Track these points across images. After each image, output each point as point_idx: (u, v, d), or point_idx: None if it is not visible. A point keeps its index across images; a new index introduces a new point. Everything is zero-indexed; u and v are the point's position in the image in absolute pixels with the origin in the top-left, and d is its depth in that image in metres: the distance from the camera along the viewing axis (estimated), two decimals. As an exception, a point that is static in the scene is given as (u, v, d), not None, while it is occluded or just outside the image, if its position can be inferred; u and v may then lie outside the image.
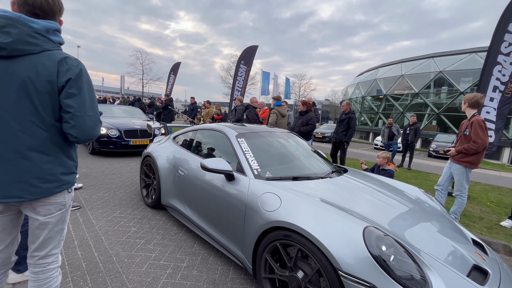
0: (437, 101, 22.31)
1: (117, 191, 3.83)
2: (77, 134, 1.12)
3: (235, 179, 2.09)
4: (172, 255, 2.29)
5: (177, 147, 3.12)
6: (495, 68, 4.62)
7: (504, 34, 4.56)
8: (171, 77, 14.80)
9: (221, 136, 2.64)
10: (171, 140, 3.36)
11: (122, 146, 6.06)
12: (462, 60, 20.69)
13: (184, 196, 2.69)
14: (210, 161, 2.09)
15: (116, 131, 6.02)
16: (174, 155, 2.99)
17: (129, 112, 8.08)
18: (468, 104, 3.27)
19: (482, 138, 3.07)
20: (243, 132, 2.61)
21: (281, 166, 2.48)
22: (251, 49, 9.90)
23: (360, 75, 33.33)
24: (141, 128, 6.38)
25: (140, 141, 6.30)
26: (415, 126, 7.92)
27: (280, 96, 5.80)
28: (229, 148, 2.44)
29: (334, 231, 1.43)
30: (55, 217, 1.16)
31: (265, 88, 16.93)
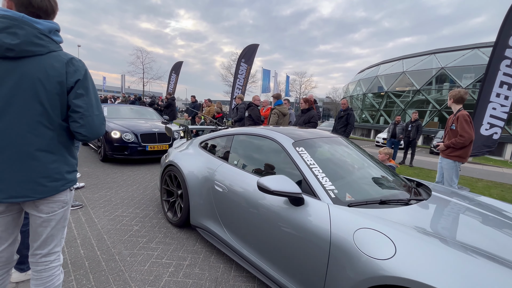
0: (439, 98, 22.18)
1: (119, 189, 3.84)
2: (86, 133, 1.16)
3: (305, 204, 1.59)
4: (174, 253, 2.30)
5: (208, 156, 2.63)
6: (502, 63, 4.51)
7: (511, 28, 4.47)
8: (173, 76, 14.78)
9: (271, 143, 2.16)
10: (198, 146, 2.89)
11: (138, 152, 5.31)
12: (464, 56, 20.54)
13: (223, 218, 2.19)
14: (272, 180, 1.57)
15: (132, 135, 5.26)
16: (207, 166, 2.48)
17: (141, 113, 7.27)
18: (453, 100, 3.46)
19: (468, 131, 3.23)
20: (300, 139, 2.10)
21: (356, 185, 1.95)
22: (252, 48, 9.87)
23: (361, 72, 33.18)
24: (159, 131, 5.62)
25: (158, 146, 5.55)
26: (417, 123, 7.88)
27: (280, 94, 5.77)
28: (283, 160, 1.97)
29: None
30: (57, 214, 1.17)
31: (266, 86, 16.89)
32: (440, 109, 21.57)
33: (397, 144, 8.35)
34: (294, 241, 1.57)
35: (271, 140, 2.16)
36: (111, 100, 14.03)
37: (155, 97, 14.85)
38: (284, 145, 2.01)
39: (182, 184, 2.61)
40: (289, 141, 2.03)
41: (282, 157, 1.99)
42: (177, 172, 2.70)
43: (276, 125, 5.30)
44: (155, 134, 5.58)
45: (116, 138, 5.12)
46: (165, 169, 2.96)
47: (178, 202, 2.78)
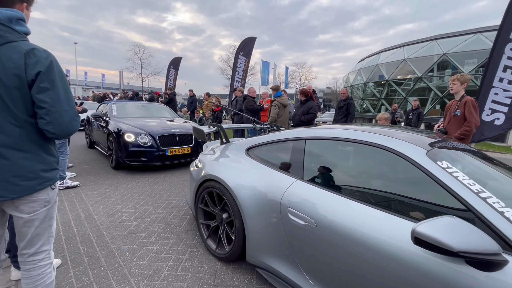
0: (440, 85, 21.88)
1: (118, 186, 3.84)
2: (54, 130, 1.07)
3: (503, 270, 0.90)
4: (174, 247, 2.30)
5: (267, 168, 1.90)
6: (507, 46, 4.38)
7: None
8: (171, 71, 14.64)
9: (378, 153, 1.45)
10: (244, 153, 2.17)
11: (157, 158, 4.52)
12: (466, 41, 20.14)
13: (303, 261, 1.54)
14: (451, 232, 0.91)
15: (149, 138, 4.49)
16: (269, 183, 1.79)
17: (154, 110, 6.35)
18: (467, 84, 3.28)
19: (476, 118, 3.16)
20: (433, 145, 1.43)
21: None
22: (250, 41, 9.72)
23: (361, 61, 32.72)
24: (180, 132, 4.84)
25: (180, 150, 4.75)
26: (418, 111, 7.79)
27: (279, 86, 5.69)
28: (409, 180, 1.35)
29: None
30: (40, 214, 1.14)
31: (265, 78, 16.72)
32: (442, 96, 21.30)
33: None
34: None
35: (381, 148, 1.42)
36: (110, 97, 13.96)
37: (153, 93, 14.73)
38: (412, 157, 1.29)
39: (232, 208, 1.92)
40: (420, 151, 1.31)
41: (408, 175, 1.33)
42: (223, 190, 1.99)
43: (277, 118, 5.25)
44: (175, 136, 4.77)
45: (130, 142, 4.36)
46: (202, 185, 2.26)
47: (224, 229, 2.13)
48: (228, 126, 3.23)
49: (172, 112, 6.66)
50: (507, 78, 4.44)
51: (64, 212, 2.89)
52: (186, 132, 4.96)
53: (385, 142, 1.44)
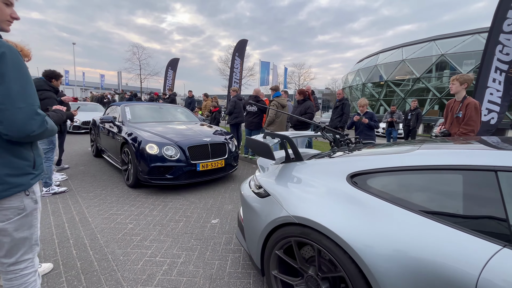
0: (439, 85, 21.94)
1: (115, 188, 3.79)
2: (6, 131, 0.95)
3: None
4: (169, 251, 2.26)
5: (422, 220, 1.06)
6: (496, 48, 4.49)
7: (507, 11, 4.40)
8: (169, 72, 14.60)
9: None
10: (348, 183, 1.36)
11: (186, 175, 3.66)
12: (464, 42, 20.20)
13: None
14: None
15: (176, 149, 3.63)
16: (441, 250, 0.97)
17: (175, 114, 5.43)
18: (467, 85, 3.14)
19: (476, 121, 3.01)
20: None
21: None
22: (242, 43, 9.84)
23: (360, 62, 32.78)
24: (212, 142, 3.98)
25: (213, 164, 3.89)
26: (417, 111, 7.78)
27: (278, 86, 5.67)
28: None
29: None
30: (13, 222, 1.06)
31: (264, 78, 16.72)
32: (440, 97, 21.34)
33: (395, 132, 8.29)
34: None
35: None
36: (108, 98, 13.91)
37: (153, 93, 14.67)
38: None
39: (353, 281, 1.15)
40: None
41: None
42: (332, 250, 1.22)
43: (275, 118, 5.22)
44: (207, 146, 3.90)
45: (153, 155, 3.50)
46: (279, 229, 1.50)
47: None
48: (291, 134, 2.21)
49: (192, 115, 5.77)
50: (498, 79, 4.55)
51: (58, 215, 2.84)
52: (219, 141, 4.11)
53: None
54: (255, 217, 1.69)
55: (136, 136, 3.75)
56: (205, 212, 3.09)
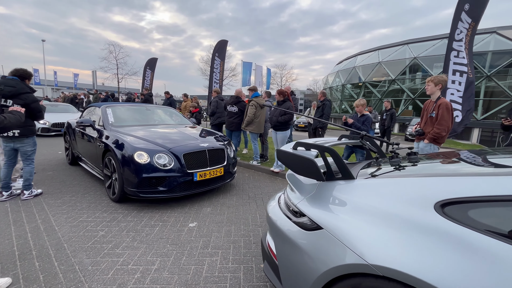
0: (412, 87, 23.11)
1: (86, 193, 3.59)
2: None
3: None
4: (142, 257, 2.16)
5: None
6: (451, 53, 5.02)
7: (458, 22, 4.91)
8: (148, 71, 14.14)
9: None
10: (438, 213, 0.93)
11: (182, 186, 3.23)
12: (434, 46, 21.45)
13: None
14: None
15: (169, 157, 3.18)
16: None
17: (163, 116, 4.99)
18: (441, 86, 3.29)
19: (447, 121, 3.16)
20: None
21: None
22: (222, 43, 9.77)
23: (339, 64, 33.76)
24: (210, 147, 3.57)
25: (211, 172, 3.49)
26: (391, 112, 8.12)
27: (256, 87, 5.68)
28: None
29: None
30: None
31: (246, 79, 16.70)
32: (413, 97, 22.50)
33: (372, 132, 8.62)
34: None
35: None
36: (82, 98, 13.19)
37: (131, 94, 14.15)
38: None
39: None
40: None
41: None
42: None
43: (254, 118, 5.21)
44: (205, 153, 3.50)
45: (142, 164, 3.02)
46: (346, 280, 1.07)
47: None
48: (325, 142, 1.76)
49: (183, 117, 5.27)
50: (457, 80, 5.01)
51: (20, 224, 2.63)
52: (217, 146, 3.69)
53: None
54: (300, 257, 1.24)
55: (121, 142, 3.25)
56: (183, 215, 3.01)
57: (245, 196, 3.78)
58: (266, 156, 5.97)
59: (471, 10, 4.85)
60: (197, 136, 3.88)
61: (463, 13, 4.87)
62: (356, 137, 1.95)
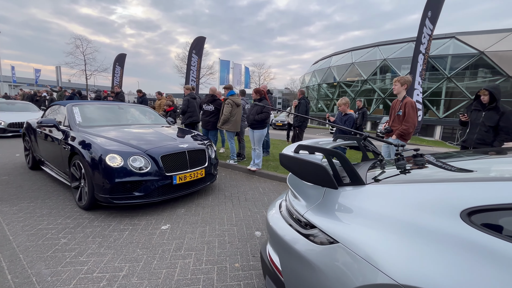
0: (382, 87, 24.41)
1: (47, 199, 3.31)
2: None
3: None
4: (109, 264, 2.05)
5: None
6: (419, 56, 5.36)
7: (423, 27, 5.29)
8: (117, 68, 13.43)
9: None
10: (464, 221, 0.84)
11: (160, 191, 3.05)
12: (402, 49, 22.83)
13: None
14: None
15: (146, 160, 2.98)
16: None
17: (138, 116, 4.64)
18: (407, 86, 3.53)
19: (413, 118, 3.41)
20: None
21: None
22: (200, 40, 9.53)
23: (315, 64, 34.67)
24: (190, 148, 3.39)
25: (192, 175, 3.31)
26: (363, 110, 8.49)
27: (231, 85, 5.63)
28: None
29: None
30: None
31: (224, 77, 16.54)
32: (384, 97, 23.79)
33: None
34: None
35: None
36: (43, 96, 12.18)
37: (100, 92, 13.36)
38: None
39: None
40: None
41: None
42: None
43: (230, 116, 5.17)
44: (184, 154, 3.31)
45: (115, 168, 2.79)
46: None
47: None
48: (327, 143, 1.73)
49: (159, 116, 4.96)
50: (421, 82, 5.56)
51: (-33, 236, 2.36)
52: (197, 147, 3.52)
53: None
54: (312, 274, 1.09)
55: (90, 144, 2.99)
56: (155, 218, 2.90)
57: (221, 196, 3.73)
58: (243, 155, 5.95)
59: (432, 17, 5.25)
60: (175, 136, 3.70)
61: (427, 19, 5.24)
62: (352, 137, 1.88)
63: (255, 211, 3.23)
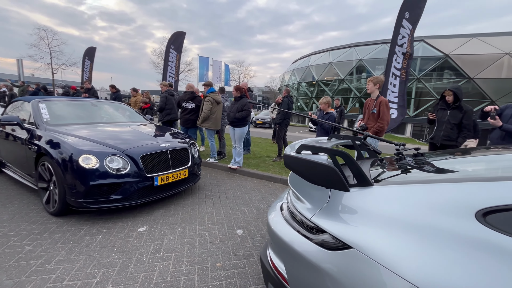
0: (358, 86, 25.37)
1: (8, 203, 3.04)
2: None
3: None
4: (81, 271, 1.92)
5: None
6: (393, 57, 5.55)
7: (400, 28, 5.46)
8: (87, 62, 12.63)
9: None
10: (479, 221, 0.83)
11: (141, 192, 2.87)
12: (376, 50, 23.85)
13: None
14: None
15: (125, 160, 2.79)
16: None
17: (112, 113, 4.36)
18: (380, 86, 3.74)
19: (388, 116, 3.61)
20: None
21: None
22: (179, 36, 9.21)
23: (294, 62, 35.16)
24: (172, 148, 3.24)
25: (175, 175, 3.18)
26: (340, 109, 8.77)
27: (211, 82, 5.53)
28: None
29: None
30: None
31: (203, 74, 16.22)
32: (360, 96, 24.75)
33: None
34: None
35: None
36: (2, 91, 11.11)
37: (68, 87, 12.49)
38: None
39: None
40: None
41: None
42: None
43: (210, 114, 5.08)
44: (166, 154, 3.16)
45: (90, 170, 2.58)
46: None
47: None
48: (323, 143, 1.67)
49: (137, 114, 4.70)
50: (393, 82, 5.72)
51: None
52: (180, 146, 3.38)
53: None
54: (324, 283, 1.03)
55: (61, 144, 2.73)
56: (131, 220, 2.77)
57: (202, 195, 3.66)
58: (224, 153, 5.89)
59: (411, 17, 5.38)
60: (156, 135, 3.53)
61: (404, 20, 5.36)
62: (347, 137, 1.88)
63: (236, 210, 3.21)
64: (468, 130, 3.55)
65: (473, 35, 19.92)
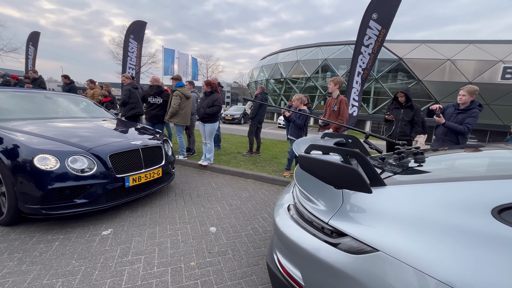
0: (323, 85, 26.56)
1: None
2: None
3: None
4: (35, 282, 1.72)
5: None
6: (359, 57, 5.79)
7: (366, 29, 5.67)
8: (30, 48, 11.16)
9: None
10: (496, 219, 0.87)
11: (110, 195, 2.63)
12: (339, 50, 25.16)
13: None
14: None
15: (90, 160, 2.51)
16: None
17: (72, 107, 3.96)
18: (339, 86, 4.05)
19: (347, 114, 4.12)
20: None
21: None
22: (140, 24, 8.60)
23: (263, 59, 35.43)
24: (144, 145, 3.02)
25: (147, 175, 2.96)
26: (308, 106, 9.09)
27: (180, 76, 5.30)
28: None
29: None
30: None
31: (168, 67, 15.49)
32: (325, 94, 25.96)
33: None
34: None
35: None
36: None
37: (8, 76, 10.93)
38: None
39: None
40: None
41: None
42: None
43: (179, 109, 4.88)
44: (138, 152, 2.93)
45: (48, 172, 2.26)
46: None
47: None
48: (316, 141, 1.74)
49: (100, 108, 4.35)
50: (358, 81, 6.03)
51: None
52: (153, 143, 3.17)
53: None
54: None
55: (9, 142, 2.36)
56: (93, 223, 2.55)
57: (171, 193, 3.52)
58: (193, 149, 5.73)
59: (380, 18, 5.50)
60: (124, 131, 3.29)
61: (371, 21, 5.49)
62: (340, 135, 1.88)
63: (208, 207, 3.16)
64: (418, 126, 4.00)
65: (422, 41, 22.15)
